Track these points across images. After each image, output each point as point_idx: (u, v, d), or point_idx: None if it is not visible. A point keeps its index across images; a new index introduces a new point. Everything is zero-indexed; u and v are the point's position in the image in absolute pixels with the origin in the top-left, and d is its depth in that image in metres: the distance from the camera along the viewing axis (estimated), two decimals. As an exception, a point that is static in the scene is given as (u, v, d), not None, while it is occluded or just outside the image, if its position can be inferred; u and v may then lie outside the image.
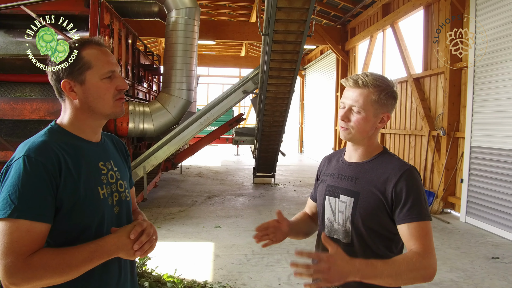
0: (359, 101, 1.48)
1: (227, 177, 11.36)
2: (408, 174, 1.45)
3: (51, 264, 1.16)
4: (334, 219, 1.58)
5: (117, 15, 6.95)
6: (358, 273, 1.26)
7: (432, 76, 7.98)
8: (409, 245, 1.40)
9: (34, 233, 1.16)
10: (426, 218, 1.41)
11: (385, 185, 1.47)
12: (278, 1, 5.84)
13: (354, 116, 1.50)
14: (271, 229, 1.62)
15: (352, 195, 1.53)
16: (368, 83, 1.47)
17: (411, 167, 1.49)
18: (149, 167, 7.48)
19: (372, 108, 1.49)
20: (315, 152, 16.74)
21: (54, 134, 1.31)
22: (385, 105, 1.51)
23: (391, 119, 9.72)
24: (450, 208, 7.29)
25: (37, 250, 1.17)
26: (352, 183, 1.54)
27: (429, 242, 1.39)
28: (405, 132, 9.07)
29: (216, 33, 12.41)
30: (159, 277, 3.59)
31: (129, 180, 1.55)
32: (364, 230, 1.49)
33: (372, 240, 1.49)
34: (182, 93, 7.77)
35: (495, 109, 6.10)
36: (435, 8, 7.82)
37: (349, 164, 1.60)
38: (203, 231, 5.93)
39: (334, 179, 1.62)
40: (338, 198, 1.57)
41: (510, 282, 4.18)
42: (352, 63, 12.60)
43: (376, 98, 1.48)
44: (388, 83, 1.51)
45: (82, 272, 1.21)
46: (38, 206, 1.18)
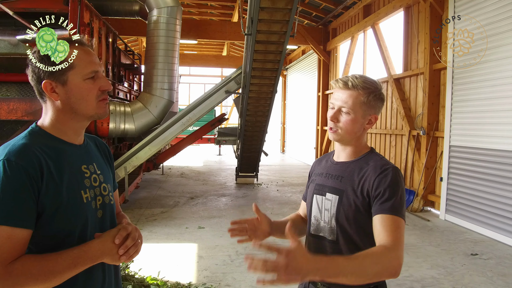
0: (349, 102, 1.51)
1: (210, 178, 11.31)
2: (388, 172, 1.47)
3: (33, 271, 1.12)
4: (320, 217, 1.60)
5: (97, 13, 6.83)
6: (318, 272, 1.15)
7: (412, 77, 8.12)
8: (379, 239, 1.37)
9: (15, 240, 1.13)
10: (400, 215, 1.40)
11: (366, 182, 1.49)
12: (261, 1, 5.83)
13: (343, 117, 1.53)
14: (250, 226, 1.60)
15: (337, 193, 1.55)
16: (358, 85, 1.50)
17: (393, 166, 1.51)
18: (131, 168, 7.37)
19: (361, 109, 1.52)
20: (297, 152, 16.82)
21: (35, 137, 1.27)
22: (373, 107, 1.55)
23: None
24: (430, 206, 7.43)
25: (19, 257, 1.14)
26: (338, 181, 1.57)
27: (399, 236, 1.35)
28: (386, 131, 9.20)
29: (198, 32, 12.34)
30: (142, 280, 3.54)
31: (112, 183, 1.52)
32: (348, 227, 1.51)
33: (357, 237, 1.51)
34: (164, 93, 7.69)
35: (473, 109, 6.24)
36: (414, 9, 7.95)
37: (337, 164, 1.63)
38: (186, 232, 5.88)
39: (322, 178, 1.65)
40: (325, 196, 1.59)
41: (489, 278, 4.28)
42: (334, 63, 12.70)
43: (365, 100, 1.51)
44: (376, 86, 1.54)
45: (65, 278, 1.18)
46: (19, 211, 1.14)
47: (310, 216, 1.65)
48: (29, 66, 1.29)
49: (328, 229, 1.56)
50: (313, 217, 1.63)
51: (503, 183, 5.59)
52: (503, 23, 5.53)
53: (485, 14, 5.89)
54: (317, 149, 13.72)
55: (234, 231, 1.59)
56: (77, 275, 1.22)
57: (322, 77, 13.18)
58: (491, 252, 5.12)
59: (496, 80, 5.78)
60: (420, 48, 7.69)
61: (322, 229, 1.59)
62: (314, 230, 1.62)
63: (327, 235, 1.56)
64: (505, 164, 5.57)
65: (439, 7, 7.08)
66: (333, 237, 1.54)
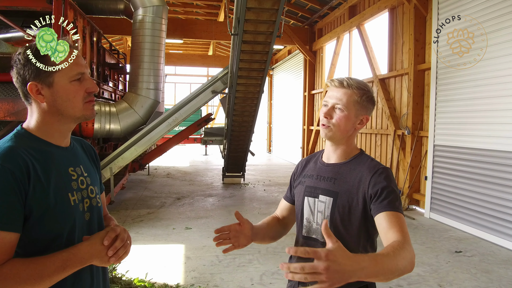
0: (343, 99, 1.55)
1: (196, 178, 11.26)
2: (381, 172, 1.51)
3: (21, 275, 1.11)
4: (313, 219, 1.60)
5: (81, 12, 6.74)
6: (362, 272, 1.07)
7: (397, 77, 8.21)
8: (388, 236, 1.36)
9: (2, 243, 1.11)
10: (401, 211, 1.45)
11: (361, 184, 1.51)
12: (247, 1, 5.83)
13: (337, 114, 1.56)
14: (233, 232, 1.60)
15: (331, 195, 1.56)
16: (352, 85, 1.55)
17: (385, 167, 1.55)
18: (116, 168, 7.29)
19: (354, 108, 1.56)
20: (283, 151, 16.87)
21: (21, 139, 1.25)
22: (366, 108, 1.59)
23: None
24: (415, 204, 7.53)
25: (6, 261, 1.12)
26: (331, 183, 1.58)
27: (406, 230, 1.39)
28: (371, 131, 9.29)
29: (184, 31, 12.28)
30: (129, 282, 3.50)
31: (99, 185, 1.51)
32: (342, 229, 1.52)
33: (350, 238, 1.52)
34: (149, 93, 7.63)
35: (456, 109, 6.35)
36: (399, 11, 8.05)
37: (328, 165, 1.64)
38: (173, 233, 5.85)
39: (313, 180, 1.65)
40: (318, 198, 1.60)
41: (473, 275, 4.36)
42: (320, 63, 12.78)
43: (358, 100, 1.56)
44: (369, 89, 1.59)
45: (54, 282, 1.17)
46: (6, 215, 1.12)
47: (302, 219, 1.65)
48: (13, 68, 1.26)
49: (321, 231, 1.56)
50: (305, 219, 1.63)
51: (486, 182, 5.70)
52: (487, 24, 5.63)
53: (471, 15, 5.98)
54: (304, 148, 13.78)
55: (219, 240, 1.59)
56: (65, 278, 1.21)
57: (308, 77, 13.24)
58: (475, 250, 5.22)
59: (478, 81, 5.90)
60: (405, 49, 7.79)
61: (314, 231, 1.60)
62: (306, 232, 1.62)
63: (319, 237, 1.57)
64: (487, 163, 5.68)
65: (423, 8, 7.18)
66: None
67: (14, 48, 5.19)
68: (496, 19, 5.56)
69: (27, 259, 1.16)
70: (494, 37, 5.55)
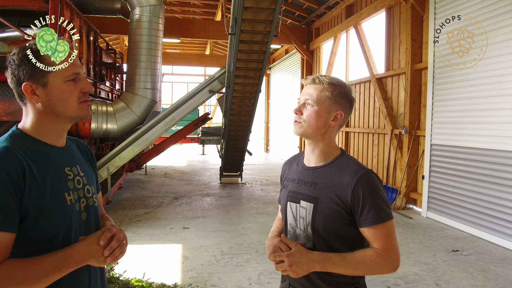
0: (313, 95, 1.53)
1: (194, 177, 11.25)
2: (365, 178, 1.46)
3: (17, 275, 1.11)
4: (296, 224, 1.58)
5: (78, 12, 6.73)
6: (317, 265, 1.43)
7: (394, 76, 8.22)
8: (372, 245, 1.48)
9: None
10: (386, 219, 1.44)
11: (343, 190, 1.47)
12: (245, 1, 5.82)
13: (307, 110, 1.54)
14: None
15: (312, 201, 1.53)
16: (323, 81, 1.54)
17: (368, 170, 1.50)
18: (113, 168, 7.28)
19: (325, 103, 1.53)
20: (281, 151, 16.87)
21: (16, 140, 1.25)
22: (339, 103, 1.54)
23: (355, 118, 9.99)
24: (412, 203, 7.55)
25: (2, 261, 1.12)
26: (312, 188, 1.55)
27: (390, 241, 1.45)
28: (368, 130, 9.30)
29: (181, 31, 12.26)
30: (127, 282, 3.50)
31: (96, 185, 1.51)
32: (325, 234, 1.50)
33: (335, 243, 1.50)
34: (146, 92, 7.61)
35: (453, 109, 6.36)
36: (396, 10, 8.06)
37: (308, 169, 1.61)
38: (170, 233, 5.84)
39: (295, 184, 1.63)
40: (299, 203, 1.57)
41: (470, 274, 4.37)
42: (317, 62, 12.79)
43: (329, 95, 1.53)
44: (343, 84, 1.56)
45: (50, 282, 1.17)
46: (1, 215, 1.12)
47: (286, 224, 1.64)
48: (8, 68, 1.26)
49: (304, 236, 1.54)
50: (289, 225, 1.62)
51: (482, 181, 5.72)
52: (485, 23, 5.64)
53: (469, 14, 5.99)
54: (301, 148, 13.79)
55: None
56: (62, 278, 1.21)
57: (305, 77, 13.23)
58: (472, 248, 5.24)
59: (475, 80, 5.91)
60: (402, 48, 7.80)
61: (298, 236, 1.57)
62: (290, 237, 1.60)
63: (304, 243, 1.54)
64: (484, 162, 5.70)
65: (420, 8, 7.19)
66: (310, 245, 1.52)
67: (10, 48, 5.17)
68: (493, 19, 5.56)
69: (23, 259, 1.15)
70: (491, 36, 5.56)
